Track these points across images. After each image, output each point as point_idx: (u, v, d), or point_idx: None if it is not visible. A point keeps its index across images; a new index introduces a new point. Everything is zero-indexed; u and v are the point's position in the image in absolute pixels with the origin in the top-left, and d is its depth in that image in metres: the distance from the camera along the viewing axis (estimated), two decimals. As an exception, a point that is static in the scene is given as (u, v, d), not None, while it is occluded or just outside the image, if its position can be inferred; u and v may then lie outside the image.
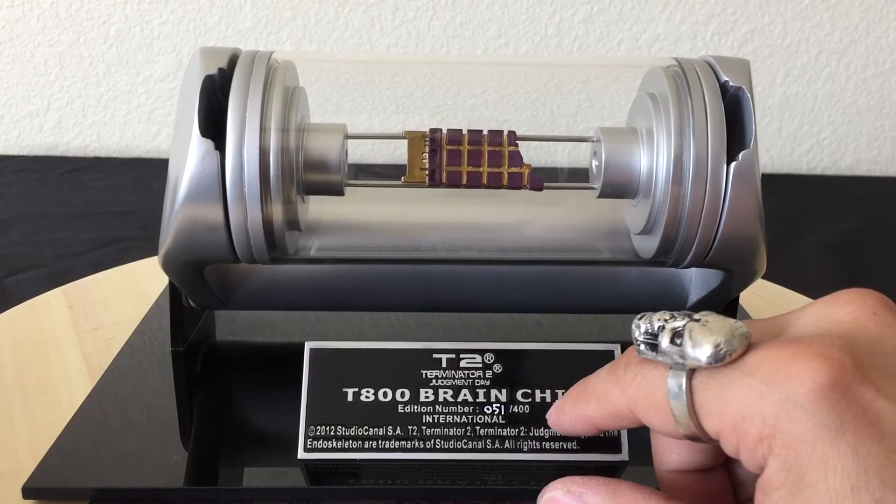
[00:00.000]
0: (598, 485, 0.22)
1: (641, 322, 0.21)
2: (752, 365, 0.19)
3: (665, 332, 0.20)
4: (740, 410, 0.19)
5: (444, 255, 0.36)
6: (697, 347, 0.20)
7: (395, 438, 0.31)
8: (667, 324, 0.21)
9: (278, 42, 0.74)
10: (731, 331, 0.20)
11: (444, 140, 0.31)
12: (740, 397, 0.19)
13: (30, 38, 0.74)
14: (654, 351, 0.21)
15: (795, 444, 0.18)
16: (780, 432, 0.18)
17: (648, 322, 0.21)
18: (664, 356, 0.20)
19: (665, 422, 0.21)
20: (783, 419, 0.18)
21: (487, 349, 0.33)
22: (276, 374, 0.38)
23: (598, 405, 0.23)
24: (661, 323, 0.21)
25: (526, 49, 0.75)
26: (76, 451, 0.32)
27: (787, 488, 0.18)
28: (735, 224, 0.31)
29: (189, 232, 0.31)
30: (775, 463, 0.18)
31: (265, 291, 0.39)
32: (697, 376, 0.20)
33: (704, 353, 0.19)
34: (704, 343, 0.19)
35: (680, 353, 0.20)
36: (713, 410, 0.20)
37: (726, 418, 0.19)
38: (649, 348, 0.21)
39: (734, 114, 0.31)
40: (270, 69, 0.31)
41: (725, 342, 0.19)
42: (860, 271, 0.59)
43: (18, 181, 0.69)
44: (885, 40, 0.76)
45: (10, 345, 0.41)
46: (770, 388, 0.19)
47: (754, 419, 0.19)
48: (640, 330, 0.21)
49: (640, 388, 0.21)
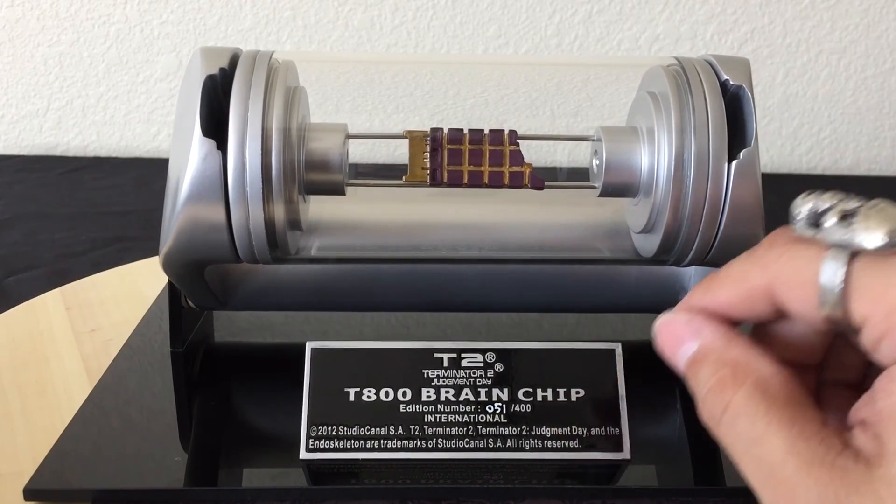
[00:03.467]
0: (718, 326, 0.22)
1: (808, 199, 0.21)
2: None
3: (834, 210, 0.20)
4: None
5: (445, 255, 0.36)
6: (871, 231, 0.19)
7: (396, 438, 0.31)
8: (838, 203, 0.20)
9: (278, 42, 0.74)
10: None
11: (445, 139, 0.31)
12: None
13: (30, 38, 0.74)
14: (815, 228, 0.20)
15: None
16: None
17: (816, 200, 0.21)
18: (827, 234, 0.20)
19: (808, 303, 0.20)
20: None
21: (488, 348, 0.33)
22: (277, 375, 0.38)
23: (731, 288, 0.22)
24: (831, 202, 0.20)
25: (526, 49, 0.75)
26: (76, 453, 0.32)
27: None
28: (736, 223, 0.30)
29: (191, 232, 0.31)
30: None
31: (265, 292, 0.39)
32: (860, 259, 0.20)
33: (878, 237, 0.19)
34: (879, 227, 0.19)
35: (848, 233, 0.20)
36: (869, 295, 0.19)
37: (882, 304, 0.19)
38: (809, 226, 0.20)
39: (735, 112, 0.31)
40: (271, 69, 0.31)
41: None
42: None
43: (18, 181, 0.69)
44: (885, 40, 0.76)
45: (9, 346, 0.41)
46: None
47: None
48: (804, 207, 0.21)
49: (789, 265, 0.21)
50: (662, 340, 0.23)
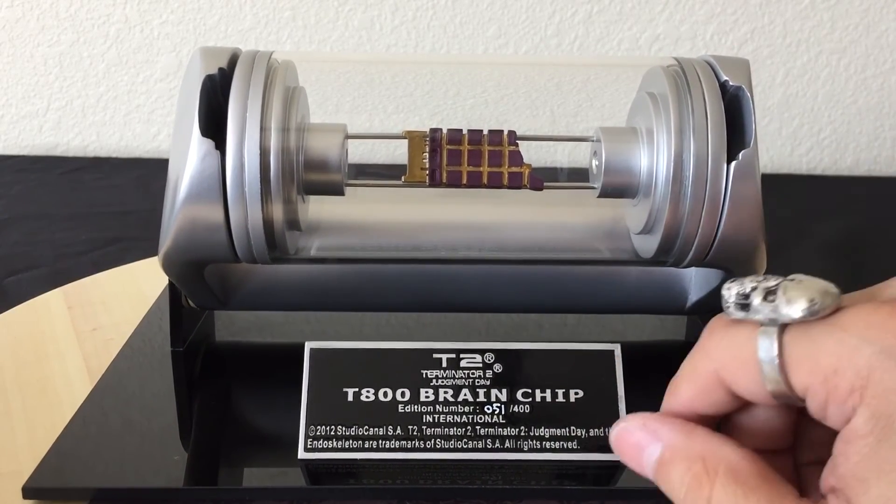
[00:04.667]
0: (674, 422, 0.23)
1: (733, 285, 0.22)
2: (846, 320, 0.20)
3: (758, 291, 0.21)
4: (833, 363, 0.19)
5: (445, 255, 0.36)
6: (792, 303, 0.20)
7: (395, 438, 0.31)
8: (759, 284, 0.21)
9: (278, 42, 0.74)
10: (825, 288, 0.20)
11: (444, 140, 0.31)
12: (833, 350, 0.20)
13: (30, 38, 0.74)
14: (745, 311, 0.21)
15: (887, 394, 0.18)
16: (872, 382, 0.19)
17: (740, 284, 0.21)
18: (756, 314, 0.21)
19: (752, 381, 0.21)
20: (877, 370, 0.19)
21: (487, 349, 0.33)
22: (276, 375, 0.38)
23: (687, 384, 0.23)
24: (753, 284, 0.21)
25: (526, 49, 0.75)
26: (76, 452, 0.32)
27: (874, 436, 0.19)
28: (735, 224, 0.31)
29: (189, 232, 0.31)
30: (865, 412, 0.19)
31: (265, 291, 0.39)
32: (789, 332, 0.21)
33: (799, 308, 0.20)
34: (799, 298, 0.20)
35: (773, 308, 0.20)
36: (804, 365, 0.20)
37: (818, 372, 0.20)
38: (739, 308, 0.21)
39: (734, 113, 0.31)
40: (271, 69, 0.31)
41: (820, 297, 0.20)
42: (860, 271, 0.59)
43: (18, 181, 0.69)
44: (885, 40, 0.76)
45: (10, 345, 0.41)
46: (864, 341, 0.19)
47: (847, 372, 0.19)
48: (731, 292, 0.21)
49: (728, 348, 0.22)
50: (622, 451, 0.24)
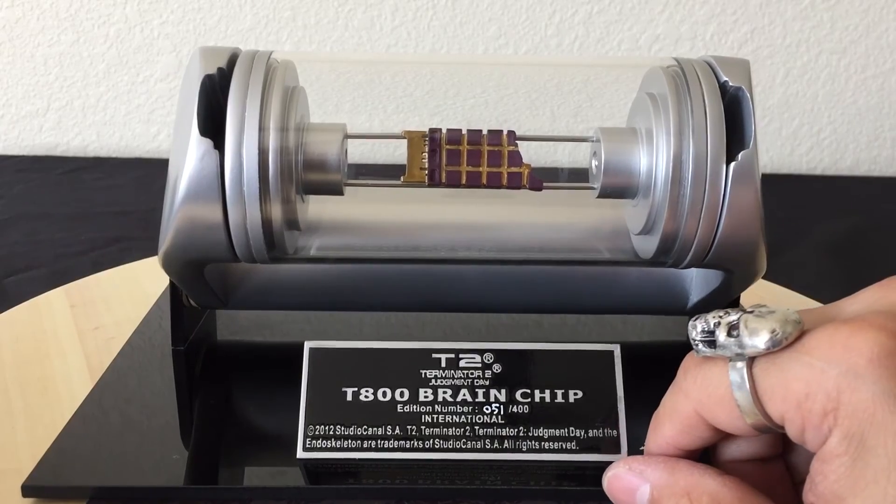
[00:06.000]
0: (657, 461, 0.23)
1: (697, 322, 0.22)
2: (810, 345, 0.20)
3: (721, 326, 0.21)
4: (803, 389, 0.20)
5: (444, 255, 0.36)
6: (754, 335, 0.20)
7: (394, 438, 0.31)
8: (721, 319, 0.21)
9: (278, 42, 0.74)
10: (785, 316, 0.20)
11: (443, 140, 0.31)
12: (802, 376, 0.20)
13: (30, 38, 0.74)
14: (712, 347, 0.22)
15: (857, 413, 0.19)
16: (842, 403, 0.19)
17: (703, 321, 0.22)
18: (723, 350, 0.21)
19: (731, 416, 0.21)
20: (845, 390, 0.19)
21: (487, 349, 0.33)
22: (276, 374, 0.38)
23: (670, 422, 0.24)
24: (716, 320, 0.22)
25: (526, 49, 0.75)
26: (76, 450, 0.32)
27: (848, 455, 0.19)
28: (735, 224, 0.30)
29: (188, 231, 0.31)
30: (839, 432, 0.19)
31: (265, 291, 0.39)
32: (757, 364, 0.21)
33: (762, 340, 0.20)
34: (760, 330, 0.20)
35: (738, 343, 0.21)
36: (776, 394, 0.20)
37: (790, 399, 0.20)
38: (707, 346, 0.22)
39: (734, 114, 0.31)
40: (270, 69, 0.31)
41: (780, 327, 0.20)
42: (860, 271, 0.59)
43: (18, 181, 0.69)
44: (885, 40, 0.76)
45: (11, 344, 0.41)
46: (830, 363, 0.19)
47: (818, 395, 0.19)
48: (696, 330, 0.22)
49: (703, 387, 0.22)
50: (616, 496, 0.24)
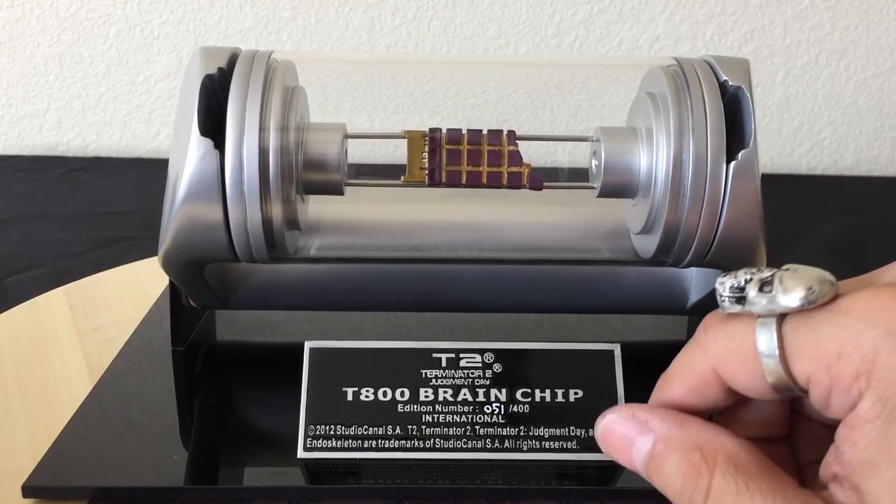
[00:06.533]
0: (665, 412, 0.22)
1: (726, 279, 0.21)
2: (847, 306, 0.19)
3: (753, 282, 0.21)
4: (836, 349, 0.19)
5: (444, 255, 0.36)
6: (789, 292, 0.20)
7: (394, 438, 0.31)
8: (754, 276, 0.21)
9: (278, 42, 0.74)
10: (821, 276, 0.20)
11: (443, 139, 0.31)
12: (836, 336, 0.19)
13: (30, 38, 0.74)
14: (741, 304, 0.21)
15: (894, 376, 0.18)
16: (878, 365, 0.18)
17: (734, 278, 0.21)
18: (752, 306, 0.20)
19: (752, 375, 0.21)
20: (883, 352, 0.18)
21: (487, 349, 0.33)
22: (276, 374, 0.38)
23: (681, 380, 0.22)
24: (748, 276, 0.21)
25: (526, 49, 0.75)
26: (76, 450, 0.32)
27: (882, 418, 0.18)
28: (735, 224, 0.30)
29: (189, 231, 0.31)
30: (872, 395, 0.18)
31: (265, 291, 0.39)
32: (788, 321, 0.20)
33: (797, 297, 0.20)
34: (796, 287, 0.20)
35: (770, 299, 0.20)
36: (806, 353, 0.20)
37: (821, 359, 0.19)
38: (736, 302, 0.21)
39: (734, 113, 0.31)
40: (270, 68, 0.31)
41: (818, 284, 0.20)
42: (860, 271, 0.59)
43: (18, 181, 0.69)
44: (885, 40, 0.76)
45: (11, 344, 0.41)
46: (868, 325, 0.19)
47: (851, 356, 0.19)
48: (724, 286, 0.21)
49: (725, 343, 0.21)
50: (609, 444, 0.23)
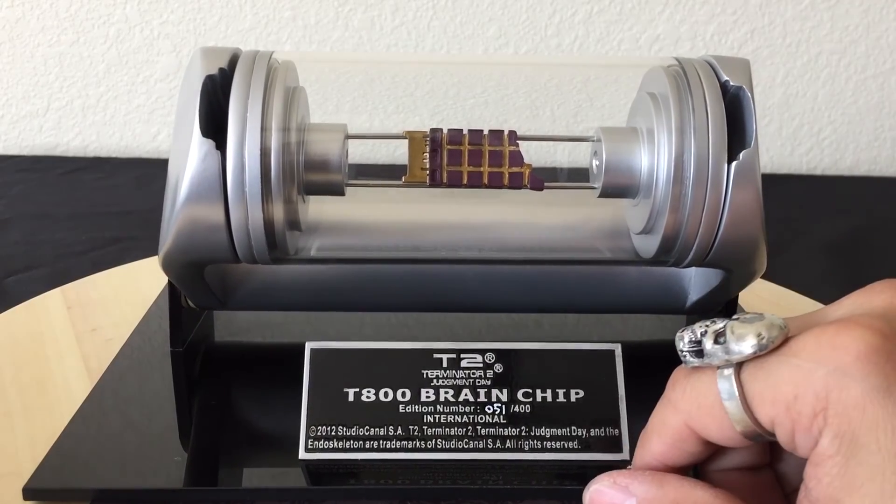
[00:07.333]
0: (643, 475, 0.23)
1: (684, 334, 0.22)
2: (797, 347, 0.20)
3: (708, 335, 0.21)
4: (792, 391, 0.20)
5: (445, 255, 0.36)
6: (741, 340, 0.21)
7: (396, 438, 0.31)
8: (708, 328, 0.22)
9: (278, 42, 0.74)
10: (770, 321, 0.21)
11: (444, 140, 0.31)
12: (789, 378, 0.20)
13: (30, 38, 0.74)
14: (699, 357, 0.22)
15: (847, 411, 0.19)
16: (832, 402, 0.19)
17: (690, 332, 0.22)
18: (711, 358, 0.21)
19: (722, 426, 0.21)
20: (834, 389, 0.19)
21: (488, 349, 0.33)
22: (277, 375, 0.38)
23: (658, 437, 0.24)
24: (702, 329, 0.22)
25: (526, 49, 0.75)
26: (76, 452, 0.32)
27: (841, 454, 0.19)
28: (736, 224, 0.31)
29: (190, 232, 0.31)
30: (829, 432, 0.19)
31: (265, 291, 0.39)
32: (745, 369, 0.21)
33: (749, 344, 0.20)
34: (747, 335, 0.20)
35: (725, 349, 0.21)
36: (765, 397, 0.20)
37: (779, 402, 0.20)
38: (695, 356, 0.22)
39: (734, 113, 0.31)
40: (271, 69, 0.31)
41: (766, 331, 0.20)
42: (860, 271, 0.59)
43: (18, 181, 0.69)
44: (885, 40, 0.76)
45: (9, 345, 0.41)
46: (817, 364, 0.19)
47: (806, 396, 0.19)
48: (683, 341, 0.22)
49: (692, 397, 0.22)
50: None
